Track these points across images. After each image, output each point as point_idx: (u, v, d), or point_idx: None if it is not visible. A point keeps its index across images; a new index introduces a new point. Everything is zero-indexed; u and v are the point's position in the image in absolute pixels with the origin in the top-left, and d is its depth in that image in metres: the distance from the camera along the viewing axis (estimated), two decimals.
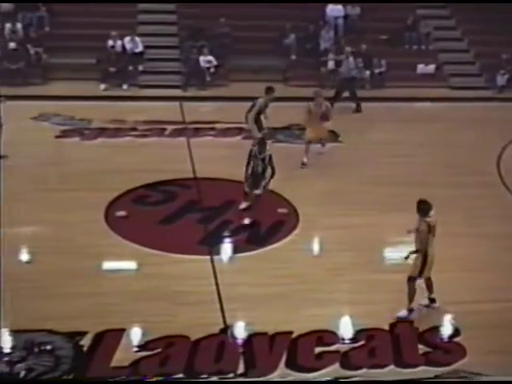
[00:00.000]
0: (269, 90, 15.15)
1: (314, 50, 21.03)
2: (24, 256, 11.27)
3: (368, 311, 9.89)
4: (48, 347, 8.89)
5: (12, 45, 20.05)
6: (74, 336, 9.09)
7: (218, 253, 11.44)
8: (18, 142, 15.89)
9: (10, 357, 8.70)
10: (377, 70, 20.78)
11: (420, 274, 9.83)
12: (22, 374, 8.44)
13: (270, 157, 12.47)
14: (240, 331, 9.48)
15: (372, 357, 9.08)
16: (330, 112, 15.24)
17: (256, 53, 20.52)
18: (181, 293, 10.06)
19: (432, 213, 9.78)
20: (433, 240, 9.80)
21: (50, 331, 9.14)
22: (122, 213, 12.55)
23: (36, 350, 8.84)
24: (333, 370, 8.80)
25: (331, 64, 20.73)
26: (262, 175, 12.42)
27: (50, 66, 20.20)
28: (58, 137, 16.30)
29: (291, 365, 8.84)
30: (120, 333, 9.22)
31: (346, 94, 18.90)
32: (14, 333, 9.14)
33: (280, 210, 12.87)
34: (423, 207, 9.73)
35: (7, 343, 8.97)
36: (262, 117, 15.30)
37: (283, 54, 21.09)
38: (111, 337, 9.15)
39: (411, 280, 9.82)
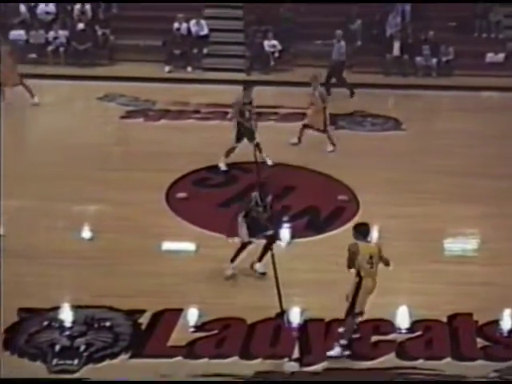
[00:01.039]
0: (246, 86, 13.77)
1: (379, 37, 20.76)
2: (87, 233, 11.50)
3: (426, 302, 9.78)
4: (107, 323, 9.06)
5: (80, 26, 20.42)
6: (133, 314, 9.24)
7: (276, 237, 11.43)
8: (84, 121, 16.23)
9: (71, 331, 8.91)
10: (444, 58, 20.40)
11: (352, 306, 8.58)
12: (82, 348, 8.63)
13: (272, 202, 10.34)
14: (296, 316, 9.49)
15: (429, 348, 8.97)
16: (324, 97, 14.52)
17: (321, 38, 20.32)
18: (238, 276, 10.11)
19: (370, 239, 8.79)
20: (374, 271, 8.57)
21: (110, 308, 9.31)
22: (182, 194, 12.67)
23: (96, 325, 9.02)
24: (388, 359, 8.74)
25: (396, 50, 20.47)
26: (268, 222, 10.24)
27: (116, 47, 20.49)
28: (122, 117, 16.56)
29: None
30: (178, 313, 9.34)
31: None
32: (76, 308, 9.35)
33: (340, 197, 12.80)
34: (361, 230, 8.64)
35: (69, 318, 9.19)
36: (252, 122, 13.59)
37: (348, 40, 20.85)
38: (169, 316, 9.27)
39: (347, 315, 8.68)
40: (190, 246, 11.27)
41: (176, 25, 20.42)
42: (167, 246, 11.25)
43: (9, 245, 10.76)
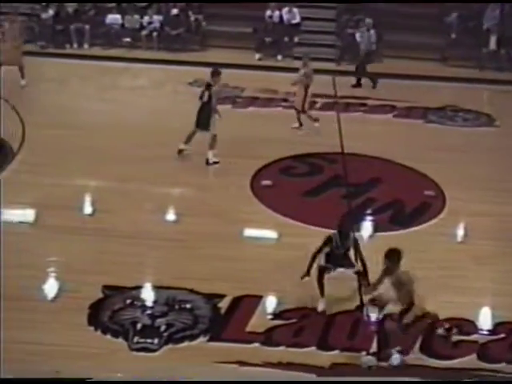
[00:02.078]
0: (215, 73, 13.16)
1: (476, 30, 20.22)
2: (171, 216, 11.69)
3: (511, 304, 9.49)
4: (188, 306, 9.18)
5: (174, 11, 20.72)
6: (213, 298, 9.33)
7: (359, 230, 11.34)
8: (174, 105, 16.47)
9: (152, 311, 9.08)
10: None
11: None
12: (163, 328, 8.78)
13: (357, 244, 9.65)
14: (376, 310, 9.37)
15: None
16: (308, 78, 14.74)
17: (414, 29, 19.97)
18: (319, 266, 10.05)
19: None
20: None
21: (191, 290, 9.42)
22: (267, 182, 12.71)
23: (176, 307, 9.16)
24: (469, 360, 8.54)
25: (493, 44, 19.90)
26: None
27: (208, 33, 20.70)
28: None
29: (426, 350, 8.65)
30: (257, 299, 9.36)
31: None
32: (158, 288, 9.52)
33: (427, 192, 12.57)
34: (398, 255, 8.29)
35: (151, 298, 9.37)
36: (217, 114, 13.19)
37: (443, 32, 20.43)
38: (248, 302, 9.31)
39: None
40: (272, 234, 11.30)
41: (268, 12, 20.47)
42: (250, 232, 11.31)
43: (94, 224, 11.08)
